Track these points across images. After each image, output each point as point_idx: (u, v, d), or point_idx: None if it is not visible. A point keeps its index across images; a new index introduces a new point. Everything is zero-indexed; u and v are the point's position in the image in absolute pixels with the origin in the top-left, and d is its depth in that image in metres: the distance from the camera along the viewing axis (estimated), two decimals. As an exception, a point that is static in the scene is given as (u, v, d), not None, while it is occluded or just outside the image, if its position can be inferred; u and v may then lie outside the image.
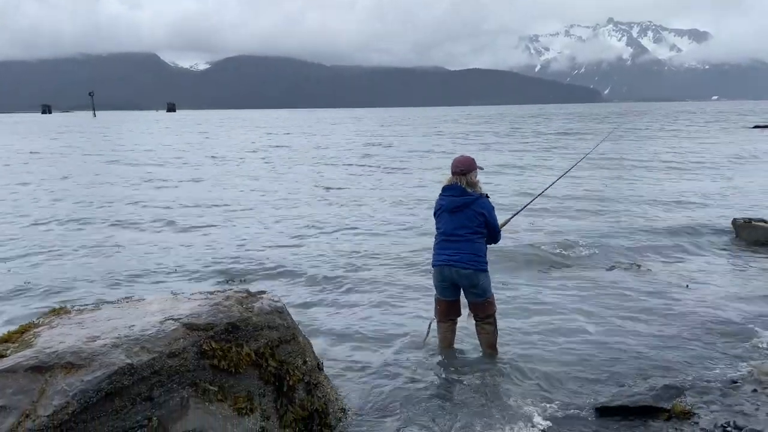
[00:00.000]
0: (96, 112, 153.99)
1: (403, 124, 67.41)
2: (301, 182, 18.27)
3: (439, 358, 5.16)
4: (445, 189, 5.02)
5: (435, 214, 5.11)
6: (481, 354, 5.18)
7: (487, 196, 5.03)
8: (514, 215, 5.96)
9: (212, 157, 27.23)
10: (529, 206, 6.50)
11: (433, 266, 5.06)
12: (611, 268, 8.00)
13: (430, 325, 5.37)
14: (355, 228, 11.11)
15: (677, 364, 4.97)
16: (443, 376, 4.84)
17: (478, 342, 5.22)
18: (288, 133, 50.51)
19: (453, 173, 4.98)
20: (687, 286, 7.12)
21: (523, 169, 20.45)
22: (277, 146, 35.25)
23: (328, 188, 16.70)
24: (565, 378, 4.76)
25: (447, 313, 5.14)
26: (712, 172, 19.00)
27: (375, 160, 24.95)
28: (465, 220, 4.89)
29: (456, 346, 5.29)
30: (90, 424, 2.84)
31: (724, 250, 8.98)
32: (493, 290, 5.11)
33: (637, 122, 59.39)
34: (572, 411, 4.25)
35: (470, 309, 5.11)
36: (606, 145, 29.64)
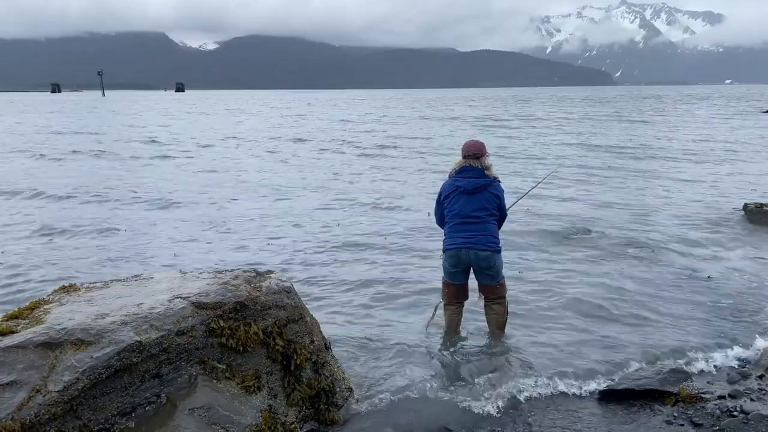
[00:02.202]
0: (105, 91, 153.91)
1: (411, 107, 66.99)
2: (309, 167, 18.28)
3: (446, 339, 5.17)
4: (461, 171, 4.97)
5: (444, 197, 5.04)
6: (488, 336, 5.18)
7: (498, 180, 5.03)
8: (518, 200, 5.96)
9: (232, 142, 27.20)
10: (533, 191, 6.52)
11: (446, 250, 4.99)
12: (621, 252, 7.96)
13: (436, 308, 5.39)
14: (361, 209, 11.11)
15: (685, 348, 4.95)
16: (450, 357, 4.85)
17: (485, 323, 5.22)
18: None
19: (466, 156, 4.96)
20: (691, 273, 7.06)
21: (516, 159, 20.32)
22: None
23: (335, 174, 16.70)
24: (572, 361, 4.76)
25: (456, 296, 5.14)
26: (724, 156, 18.80)
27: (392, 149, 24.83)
28: (483, 201, 4.90)
29: (463, 327, 5.30)
30: (99, 399, 2.87)
31: (736, 235, 8.91)
32: (504, 272, 5.11)
33: (646, 105, 58.75)
34: (578, 393, 4.26)
35: (481, 291, 5.11)
36: (616, 130, 29.50)
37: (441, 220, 5.16)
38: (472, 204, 4.89)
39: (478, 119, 41.12)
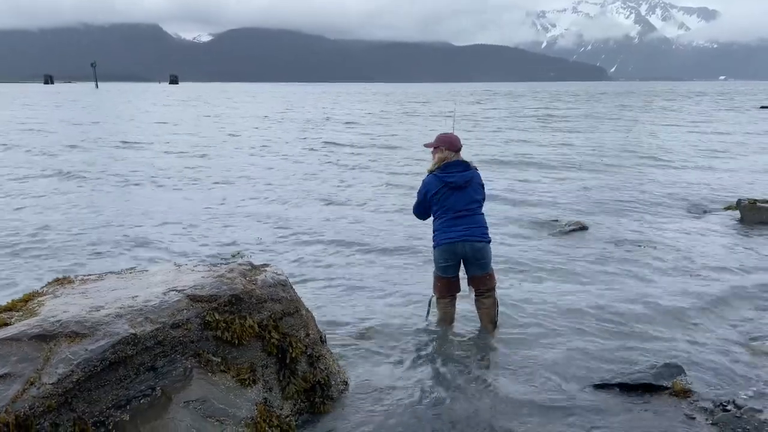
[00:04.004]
0: (98, 83, 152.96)
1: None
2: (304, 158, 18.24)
3: (440, 334, 5.17)
4: (448, 166, 4.95)
5: (433, 193, 4.98)
6: (481, 330, 5.20)
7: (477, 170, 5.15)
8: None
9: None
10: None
11: (439, 245, 4.98)
12: (613, 247, 7.99)
13: (430, 303, 5.38)
14: (353, 204, 11.10)
15: (678, 343, 4.97)
16: (444, 352, 4.86)
17: (478, 318, 5.24)
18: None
19: (455, 150, 5.01)
20: (684, 270, 7.08)
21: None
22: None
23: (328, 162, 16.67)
24: (565, 355, 4.77)
25: (449, 289, 5.14)
26: (719, 152, 18.87)
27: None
28: (473, 193, 4.96)
29: (456, 323, 5.31)
30: (94, 392, 2.86)
31: (729, 231, 8.94)
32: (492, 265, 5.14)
33: (642, 101, 58.84)
34: (572, 388, 4.26)
35: (471, 284, 5.11)
36: (608, 128, 29.55)
37: (423, 213, 5.17)
38: (463, 198, 4.92)
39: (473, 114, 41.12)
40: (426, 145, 5.27)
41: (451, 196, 4.93)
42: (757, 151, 19.27)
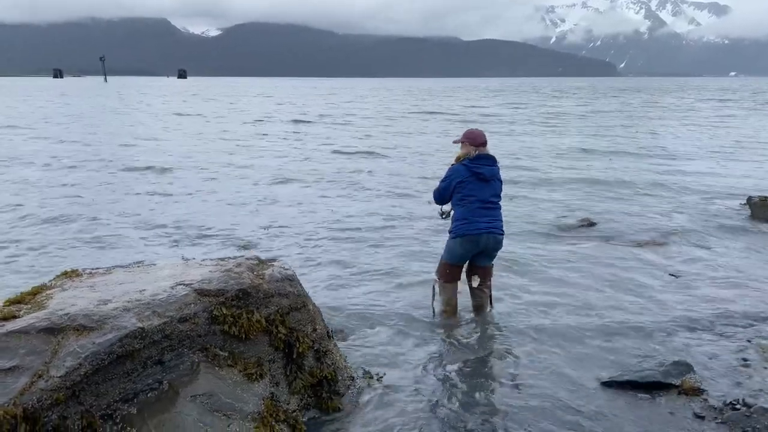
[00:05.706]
0: (107, 77, 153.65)
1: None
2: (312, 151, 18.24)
3: (446, 325, 5.20)
4: (478, 158, 5.11)
5: (459, 181, 5.10)
6: (486, 322, 5.26)
7: None
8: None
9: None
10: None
11: (464, 235, 5.06)
12: (621, 244, 7.94)
13: (434, 288, 5.45)
14: (356, 195, 11.09)
15: (688, 341, 4.94)
16: (450, 345, 4.86)
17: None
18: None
19: (475, 145, 5.16)
20: (699, 272, 7.01)
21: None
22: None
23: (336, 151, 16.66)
24: (574, 352, 4.75)
25: (456, 275, 5.31)
26: (728, 149, 18.71)
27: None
28: (496, 188, 5.18)
29: (460, 312, 5.37)
30: (101, 385, 2.86)
31: (739, 228, 8.87)
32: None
33: (650, 98, 58.43)
34: (580, 385, 4.24)
35: (477, 273, 5.28)
36: (616, 122, 29.38)
37: (445, 198, 5.30)
38: (488, 190, 5.11)
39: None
40: (454, 142, 5.49)
41: (477, 186, 5.07)
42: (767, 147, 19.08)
